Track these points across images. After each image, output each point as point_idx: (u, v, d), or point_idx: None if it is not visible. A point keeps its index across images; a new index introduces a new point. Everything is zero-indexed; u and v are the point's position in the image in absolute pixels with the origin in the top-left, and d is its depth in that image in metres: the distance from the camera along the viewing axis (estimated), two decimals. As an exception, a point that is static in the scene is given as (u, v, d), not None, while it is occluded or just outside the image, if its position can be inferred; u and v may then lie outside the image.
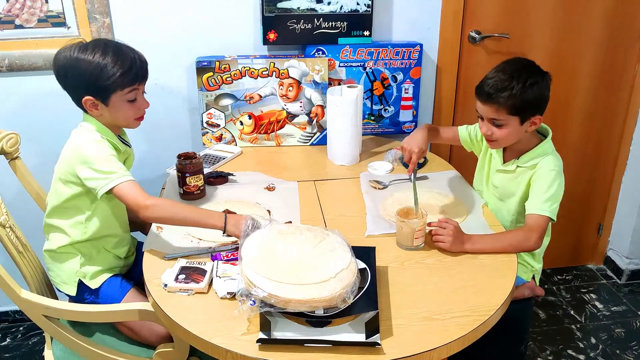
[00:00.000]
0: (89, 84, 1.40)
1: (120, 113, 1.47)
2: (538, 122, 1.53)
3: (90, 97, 1.42)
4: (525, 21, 2.19)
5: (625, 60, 2.33)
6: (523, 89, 1.47)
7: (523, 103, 1.48)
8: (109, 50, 1.40)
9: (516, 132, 1.53)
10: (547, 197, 1.49)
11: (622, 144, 2.48)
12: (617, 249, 2.66)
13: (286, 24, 1.98)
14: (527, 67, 1.52)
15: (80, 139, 1.45)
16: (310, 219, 1.57)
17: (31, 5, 1.91)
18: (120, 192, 1.38)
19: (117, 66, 1.39)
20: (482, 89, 1.52)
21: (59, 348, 1.56)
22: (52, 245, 1.54)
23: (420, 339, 1.12)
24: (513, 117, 1.50)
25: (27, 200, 1.70)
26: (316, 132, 2.12)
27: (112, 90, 1.42)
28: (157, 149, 2.15)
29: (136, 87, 1.46)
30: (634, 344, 2.23)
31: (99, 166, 1.39)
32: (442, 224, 1.43)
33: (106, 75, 1.38)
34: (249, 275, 1.14)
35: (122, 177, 1.39)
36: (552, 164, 1.54)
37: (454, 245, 1.41)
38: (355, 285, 1.17)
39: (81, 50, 1.39)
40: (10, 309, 2.37)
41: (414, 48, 2.06)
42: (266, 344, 1.10)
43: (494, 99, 1.49)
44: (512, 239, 1.46)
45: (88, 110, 1.45)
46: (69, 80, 1.43)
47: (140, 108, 1.51)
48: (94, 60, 1.38)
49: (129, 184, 1.39)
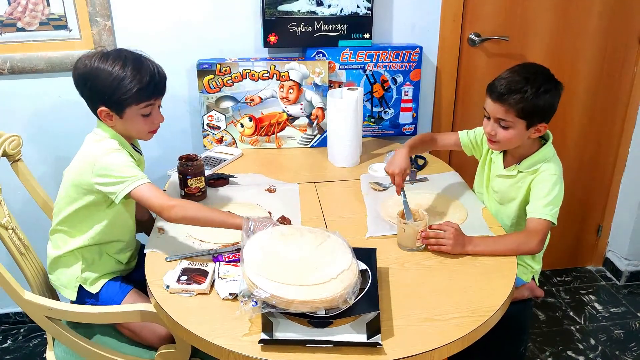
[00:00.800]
0: (105, 95, 1.40)
1: (134, 126, 1.47)
2: (542, 130, 1.54)
3: (106, 109, 1.42)
4: (524, 23, 2.21)
5: (624, 61, 2.34)
6: (536, 94, 1.47)
7: (533, 108, 1.48)
8: (129, 63, 1.39)
9: (519, 136, 1.53)
10: (548, 201, 1.50)
11: (621, 145, 2.49)
12: (616, 251, 2.67)
13: (287, 27, 1.99)
14: (542, 73, 1.52)
15: (99, 150, 1.43)
16: (311, 221, 1.58)
17: (33, 8, 1.92)
18: (140, 193, 1.38)
19: (136, 80, 1.39)
20: (494, 88, 1.51)
21: (60, 349, 1.56)
22: (57, 250, 1.55)
23: (421, 339, 1.13)
24: (520, 120, 1.50)
25: (29, 202, 1.70)
26: (316, 134, 2.13)
27: (128, 105, 1.42)
28: (158, 151, 2.16)
29: (152, 103, 1.46)
30: (633, 345, 2.24)
31: (118, 172, 1.39)
32: (442, 226, 1.43)
33: (123, 89, 1.38)
34: (251, 277, 1.15)
35: (142, 179, 1.39)
36: (553, 169, 1.54)
37: (455, 248, 1.41)
38: (357, 286, 1.17)
39: (102, 60, 1.39)
40: (11, 310, 2.37)
41: (414, 51, 2.08)
42: (268, 345, 1.11)
43: (505, 99, 1.49)
44: (513, 242, 1.46)
45: (102, 120, 1.45)
46: (87, 89, 1.43)
47: (154, 122, 1.51)
48: (113, 72, 1.38)
49: (149, 186, 1.39)
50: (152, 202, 1.38)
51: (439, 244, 1.42)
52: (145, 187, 1.39)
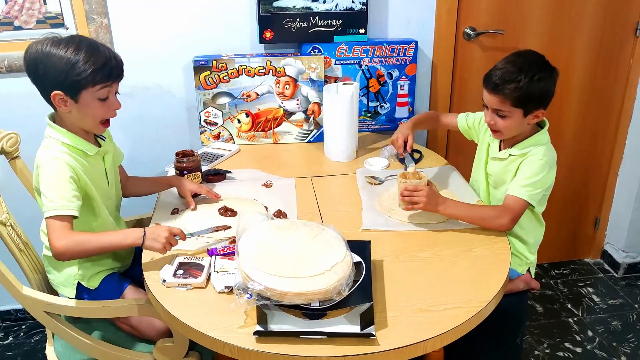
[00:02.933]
0: (58, 78, 1.35)
1: (89, 111, 1.41)
2: (541, 116, 1.56)
3: (60, 92, 1.36)
4: (519, 17, 2.21)
5: (620, 53, 2.34)
6: (530, 82, 1.49)
7: (528, 96, 1.50)
8: (83, 46, 1.35)
9: (518, 124, 1.56)
10: (530, 182, 1.52)
11: (618, 138, 2.50)
12: (613, 243, 2.68)
13: (282, 23, 2.00)
14: (536, 61, 1.54)
15: (41, 158, 1.40)
16: (307, 215, 1.59)
17: (29, 7, 1.93)
18: (47, 225, 1.34)
19: (90, 62, 1.35)
20: (489, 79, 1.53)
21: (60, 344, 1.58)
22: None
23: (415, 330, 1.14)
24: (517, 109, 1.52)
25: (27, 198, 1.71)
26: (313, 129, 2.14)
27: (83, 86, 1.36)
28: (155, 147, 2.17)
29: (109, 85, 1.40)
30: (631, 337, 2.25)
31: (46, 191, 1.36)
32: (418, 187, 1.49)
33: (78, 69, 1.34)
34: (246, 270, 1.16)
35: (55, 210, 1.33)
36: (541, 154, 1.55)
37: (428, 205, 1.48)
38: (351, 278, 1.19)
39: (54, 45, 1.35)
40: (12, 307, 2.39)
41: (409, 45, 2.08)
42: (263, 336, 1.12)
43: (500, 89, 1.51)
44: (485, 213, 1.52)
45: (57, 106, 1.39)
46: (39, 74, 1.37)
47: (111, 108, 1.44)
48: (66, 55, 1.34)
49: (54, 221, 1.33)
50: (49, 239, 1.34)
51: (412, 201, 1.48)
52: (52, 222, 1.33)
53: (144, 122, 2.14)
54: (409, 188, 1.49)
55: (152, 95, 2.12)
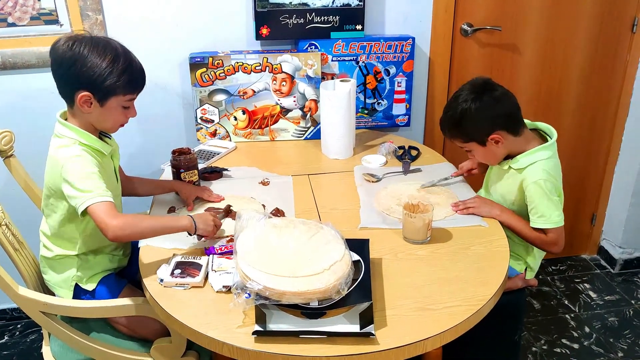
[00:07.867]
0: (91, 81, 1.35)
1: (111, 117, 1.43)
2: (500, 139, 1.53)
3: (88, 94, 1.37)
4: (516, 13, 2.20)
5: (617, 50, 2.34)
6: (458, 122, 1.54)
7: (465, 132, 1.55)
8: (121, 55, 1.38)
9: (489, 152, 1.58)
10: (552, 205, 1.52)
11: (615, 134, 2.50)
12: (610, 239, 2.68)
13: (278, 19, 1.99)
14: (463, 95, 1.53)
15: (63, 157, 1.39)
16: (305, 213, 1.58)
17: (23, 3, 1.91)
18: (91, 213, 1.32)
19: (128, 72, 1.38)
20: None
21: (57, 344, 1.57)
22: (48, 253, 1.54)
23: (414, 329, 1.14)
24: (470, 143, 1.58)
25: (22, 197, 1.70)
26: (310, 126, 2.13)
27: (115, 94, 1.39)
28: (151, 145, 2.16)
29: (134, 96, 1.45)
30: (627, 332, 2.26)
31: (78, 184, 1.34)
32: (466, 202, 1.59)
33: (115, 78, 1.36)
34: (244, 269, 1.15)
35: (96, 197, 1.32)
36: (538, 175, 1.52)
37: (482, 208, 1.56)
38: (349, 276, 1.18)
39: (92, 47, 1.35)
40: (7, 306, 2.37)
41: (407, 41, 2.07)
42: (262, 336, 1.11)
43: (447, 135, 1.63)
44: (537, 237, 1.56)
45: (79, 105, 1.39)
46: (71, 73, 1.36)
47: (128, 116, 1.48)
48: (105, 61, 1.35)
49: (99, 206, 1.32)
50: (98, 224, 1.32)
51: (467, 206, 1.56)
52: (97, 207, 1.32)
53: (140, 119, 2.10)
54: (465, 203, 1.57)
55: (148, 93, 2.08)
